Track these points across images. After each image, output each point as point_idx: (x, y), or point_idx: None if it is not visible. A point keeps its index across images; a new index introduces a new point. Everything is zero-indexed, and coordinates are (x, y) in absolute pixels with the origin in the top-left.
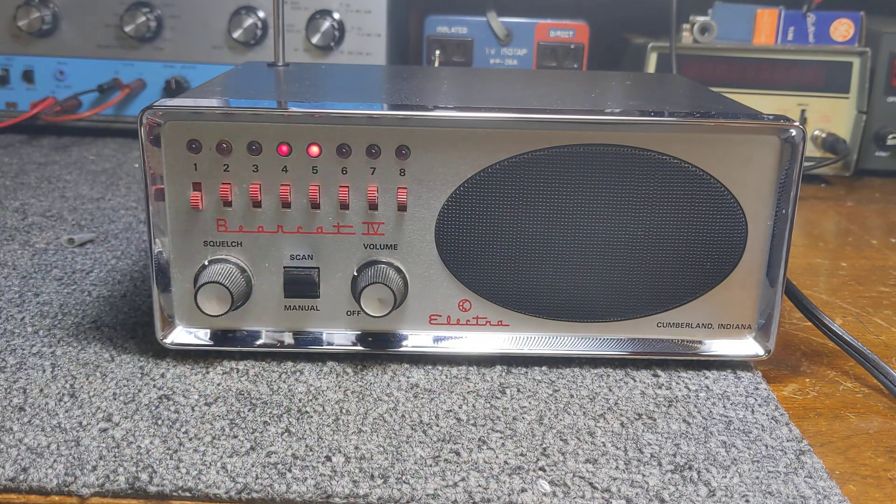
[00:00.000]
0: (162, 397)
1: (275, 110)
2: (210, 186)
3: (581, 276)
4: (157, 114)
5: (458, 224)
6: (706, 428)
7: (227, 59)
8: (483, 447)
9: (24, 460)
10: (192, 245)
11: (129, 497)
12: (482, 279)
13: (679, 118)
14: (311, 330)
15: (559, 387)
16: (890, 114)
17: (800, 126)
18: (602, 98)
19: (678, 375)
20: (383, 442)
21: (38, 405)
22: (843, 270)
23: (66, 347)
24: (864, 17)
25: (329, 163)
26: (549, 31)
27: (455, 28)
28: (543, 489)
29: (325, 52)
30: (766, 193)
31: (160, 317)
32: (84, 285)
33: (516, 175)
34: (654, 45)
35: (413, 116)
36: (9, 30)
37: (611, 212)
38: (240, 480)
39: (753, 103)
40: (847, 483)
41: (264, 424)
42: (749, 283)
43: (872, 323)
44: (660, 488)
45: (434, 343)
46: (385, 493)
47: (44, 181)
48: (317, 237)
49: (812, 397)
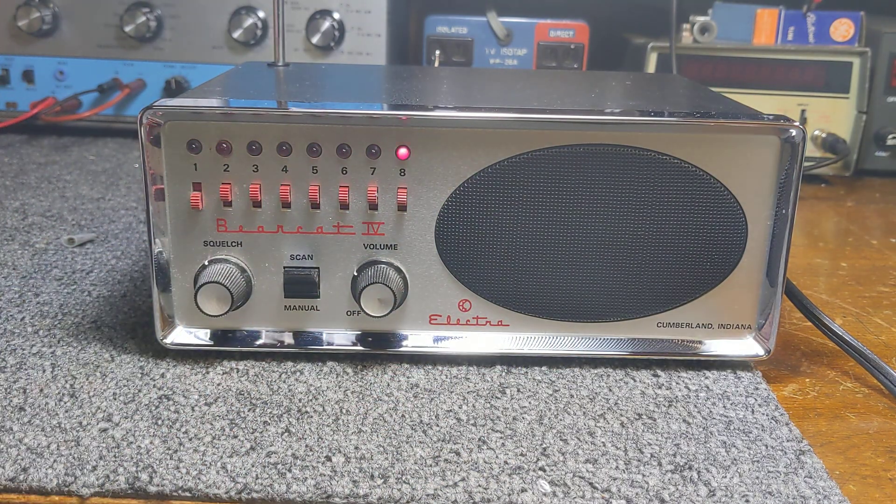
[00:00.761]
0: (162, 397)
1: (275, 110)
2: (210, 186)
3: (581, 276)
4: (157, 114)
5: (458, 224)
6: (706, 428)
7: (227, 59)
8: (483, 447)
9: (24, 460)
10: (192, 245)
11: (129, 497)
12: (482, 279)
13: (679, 118)
14: (311, 330)
15: (559, 387)
16: (890, 114)
17: (800, 126)
18: (602, 98)
19: (678, 375)
20: (383, 442)
21: (38, 405)
22: (843, 270)
23: (66, 347)
24: (864, 17)
25: (329, 163)
26: (549, 31)
27: (455, 28)
28: (543, 489)
29: (325, 52)
30: (766, 193)
31: (160, 317)
32: (84, 285)
33: (516, 175)
34: (654, 45)
35: (413, 116)
36: (9, 30)
37: (611, 212)
38: (240, 480)
39: (753, 103)
40: (847, 483)
41: (264, 424)
42: (749, 283)
43: (872, 323)
44: (660, 488)
45: (434, 343)
46: (385, 493)
47: (44, 181)
48: (317, 237)
49: (812, 397)
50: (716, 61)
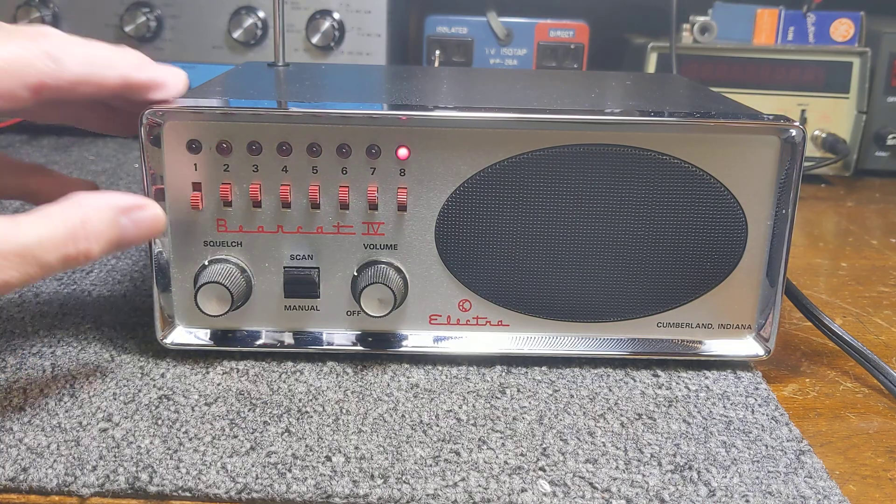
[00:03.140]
0: (162, 397)
1: (275, 110)
2: (210, 186)
3: (581, 276)
4: (157, 114)
5: (458, 224)
6: (706, 428)
7: (227, 59)
8: (483, 447)
9: (24, 460)
10: (192, 245)
11: (129, 497)
12: (482, 279)
13: (679, 118)
14: (311, 330)
15: (559, 387)
16: (890, 114)
17: (800, 126)
18: (602, 98)
19: (678, 375)
20: (383, 442)
21: (38, 405)
22: (843, 270)
23: (66, 347)
24: (864, 17)
25: (329, 163)
26: (549, 31)
27: (455, 28)
28: (543, 489)
29: (325, 52)
30: (766, 193)
31: (160, 317)
32: (84, 285)
33: (516, 175)
34: (654, 45)
35: (413, 116)
36: None
37: (611, 212)
38: (240, 480)
39: (753, 103)
40: (847, 483)
41: (264, 424)
42: (749, 283)
43: (872, 323)
44: (660, 488)
45: (434, 343)
46: (385, 493)
47: None
48: (317, 237)
49: (812, 397)
50: (716, 61)
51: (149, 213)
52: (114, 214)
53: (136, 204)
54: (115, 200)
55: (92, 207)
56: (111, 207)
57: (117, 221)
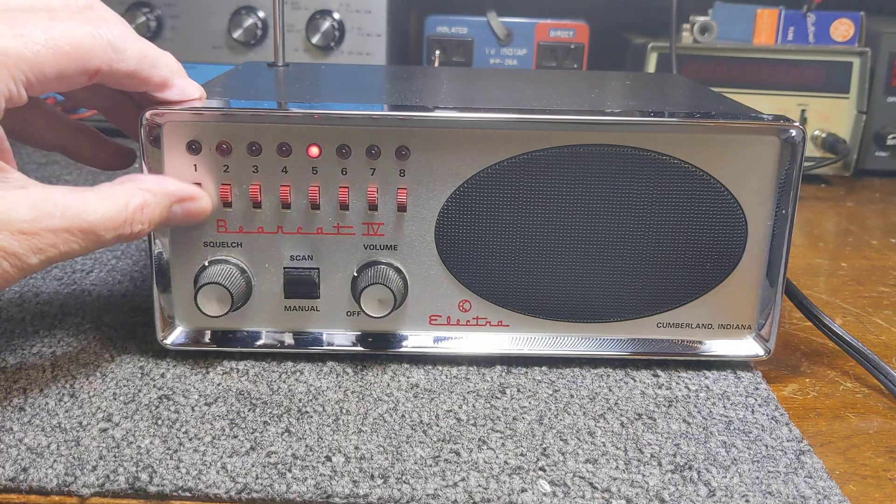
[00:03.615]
0: (162, 397)
1: (275, 111)
2: (210, 187)
3: (581, 276)
4: (157, 114)
5: (458, 224)
6: (706, 428)
7: (227, 59)
8: (483, 447)
9: (24, 460)
10: (192, 246)
11: (129, 497)
12: (482, 279)
13: (679, 118)
14: (311, 330)
15: (559, 387)
16: (890, 114)
17: (800, 126)
18: (602, 98)
19: (678, 375)
20: (383, 442)
21: (38, 405)
22: (843, 270)
23: (66, 347)
24: (864, 17)
25: (329, 163)
26: (549, 31)
27: (455, 28)
28: (543, 489)
29: (325, 52)
30: (766, 193)
31: (160, 317)
32: (84, 285)
33: (516, 175)
34: (654, 45)
35: (413, 117)
36: None
37: (610, 212)
38: (240, 480)
39: (753, 103)
40: (847, 483)
41: (264, 424)
42: (749, 283)
43: (872, 323)
44: (660, 488)
45: (434, 343)
46: (385, 493)
47: (44, 181)
48: (317, 238)
49: (812, 397)
50: (716, 61)
51: (199, 205)
52: (170, 202)
53: (190, 194)
54: (172, 188)
55: (151, 192)
56: (169, 195)
57: (171, 208)
